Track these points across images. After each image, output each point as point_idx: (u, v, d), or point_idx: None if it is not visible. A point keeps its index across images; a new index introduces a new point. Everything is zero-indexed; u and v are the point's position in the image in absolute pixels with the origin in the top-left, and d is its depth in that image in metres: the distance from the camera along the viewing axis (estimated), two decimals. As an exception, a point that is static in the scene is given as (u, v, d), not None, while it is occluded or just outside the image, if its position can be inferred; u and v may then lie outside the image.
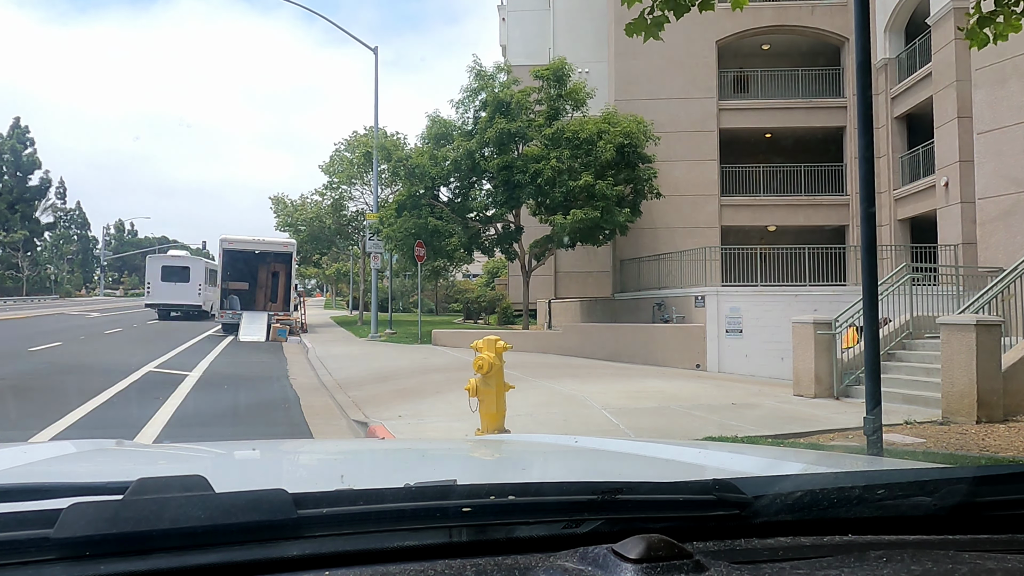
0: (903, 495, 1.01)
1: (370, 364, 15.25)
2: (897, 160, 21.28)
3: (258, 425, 8.89)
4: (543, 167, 19.61)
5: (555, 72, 20.99)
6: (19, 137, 71.28)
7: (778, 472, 1.43)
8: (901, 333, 11.42)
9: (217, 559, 0.79)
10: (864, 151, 5.34)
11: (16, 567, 0.76)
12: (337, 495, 0.91)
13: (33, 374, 12.78)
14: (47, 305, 53.62)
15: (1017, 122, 13.39)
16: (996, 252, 13.49)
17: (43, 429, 7.74)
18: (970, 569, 0.79)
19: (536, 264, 22.67)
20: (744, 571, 0.80)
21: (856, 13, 5.22)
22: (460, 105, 22.01)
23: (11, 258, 70.18)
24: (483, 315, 33.94)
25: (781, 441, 7.36)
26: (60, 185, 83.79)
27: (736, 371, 16.01)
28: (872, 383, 5.10)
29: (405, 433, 7.75)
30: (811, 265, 18.06)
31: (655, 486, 1.06)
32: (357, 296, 41.71)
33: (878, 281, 5.48)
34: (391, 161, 23.70)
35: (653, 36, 5.68)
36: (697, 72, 22.76)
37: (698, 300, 17.30)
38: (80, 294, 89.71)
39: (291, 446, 2.93)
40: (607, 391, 10.60)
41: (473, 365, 6.77)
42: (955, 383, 8.46)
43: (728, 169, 23.33)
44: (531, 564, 0.82)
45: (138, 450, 2.56)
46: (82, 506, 0.81)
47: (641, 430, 7.92)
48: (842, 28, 22.20)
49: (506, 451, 2.17)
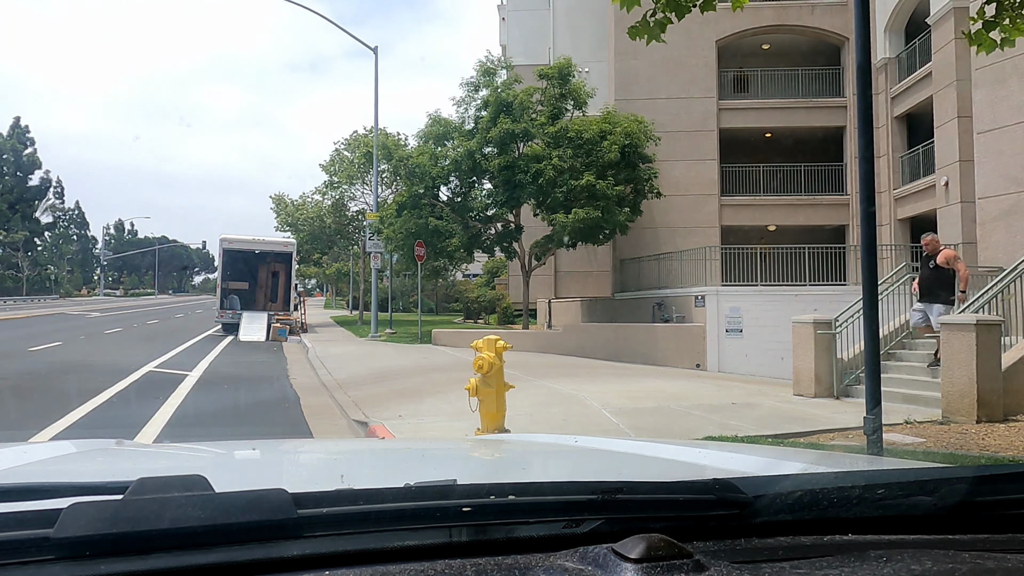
0: (903, 495, 1.01)
1: (370, 364, 15.25)
2: (897, 160, 21.28)
3: (258, 425, 8.89)
4: (544, 167, 19.61)
5: (560, 71, 20.99)
6: (19, 137, 71.29)
7: (778, 472, 1.43)
8: (901, 333, 11.42)
9: (217, 559, 0.79)
10: (864, 151, 5.34)
11: (16, 567, 0.76)
12: (337, 495, 0.91)
13: (33, 374, 12.77)
14: (47, 305, 53.64)
15: (1017, 122, 13.38)
16: (996, 252, 13.48)
17: (43, 429, 7.74)
18: (970, 568, 0.79)
19: (536, 264, 22.67)
20: (744, 571, 0.80)
21: (856, 13, 5.21)
22: (461, 103, 22.02)
23: (11, 258, 70.19)
24: (483, 315, 33.93)
25: (781, 441, 7.36)
26: (59, 185, 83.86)
27: (736, 371, 16.01)
28: (872, 383, 5.10)
29: (405, 433, 7.76)
30: (811, 265, 18.05)
31: (655, 486, 1.06)
32: (357, 296, 41.72)
33: (878, 281, 5.49)
34: (392, 160, 23.71)
35: (656, 38, 5.69)
36: (697, 72, 22.75)
37: (698, 300, 17.30)
38: (80, 294, 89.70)
39: (291, 446, 2.94)
40: (607, 391, 10.60)
41: (473, 365, 6.77)
42: (955, 383, 8.46)
43: (728, 169, 23.33)
44: (531, 564, 0.82)
45: (138, 450, 2.56)
46: (82, 506, 0.81)
47: (641, 430, 7.92)
48: (842, 28, 22.19)
49: (506, 451, 2.17)
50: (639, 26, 5.66)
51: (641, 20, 5.66)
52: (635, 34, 5.70)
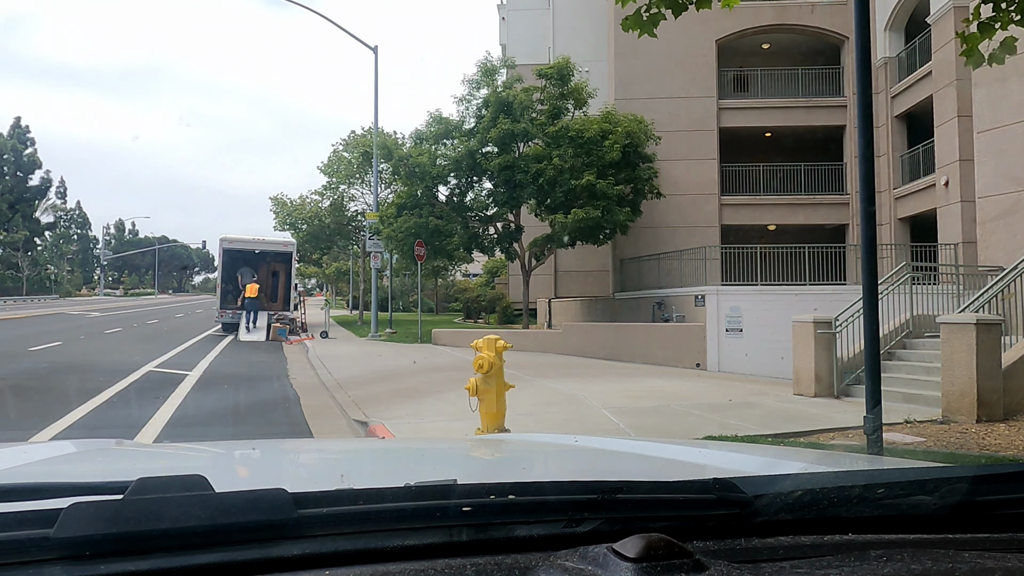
0: (903, 494, 1.01)
1: (370, 363, 15.25)
2: (897, 159, 21.28)
3: (258, 425, 8.89)
4: (544, 167, 19.61)
5: (559, 71, 20.98)
6: (19, 137, 71.27)
7: (778, 471, 1.43)
8: (901, 332, 11.42)
9: (217, 559, 0.79)
10: (864, 150, 5.34)
11: (16, 567, 0.76)
12: (337, 495, 0.91)
13: (33, 374, 12.77)
14: (47, 305, 53.62)
15: (1017, 121, 13.38)
16: (996, 251, 13.48)
17: (43, 429, 7.74)
18: (970, 568, 0.79)
19: (536, 263, 22.67)
20: (744, 570, 0.80)
21: (856, 12, 5.21)
22: (462, 101, 22.01)
23: (11, 258, 70.18)
24: (483, 314, 33.93)
25: (781, 440, 7.36)
26: (62, 185, 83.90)
27: (736, 370, 16.01)
28: (872, 382, 5.10)
29: (405, 432, 7.76)
30: (811, 264, 18.04)
31: (655, 485, 1.06)
32: (357, 295, 41.70)
33: (878, 280, 5.48)
34: (392, 160, 23.70)
35: (648, 33, 5.66)
36: (697, 71, 22.75)
37: (698, 299, 17.30)
38: (80, 294, 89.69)
39: (291, 445, 2.94)
40: (607, 390, 10.60)
41: (473, 364, 6.77)
42: (955, 382, 8.46)
43: (728, 168, 23.33)
44: (531, 563, 0.82)
45: (138, 450, 2.56)
46: (82, 506, 0.81)
47: (641, 429, 7.92)
48: (842, 27, 22.18)
49: (506, 450, 2.17)
50: (632, 19, 5.64)
51: (634, 13, 5.63)
52: (628, 27, 5.67)
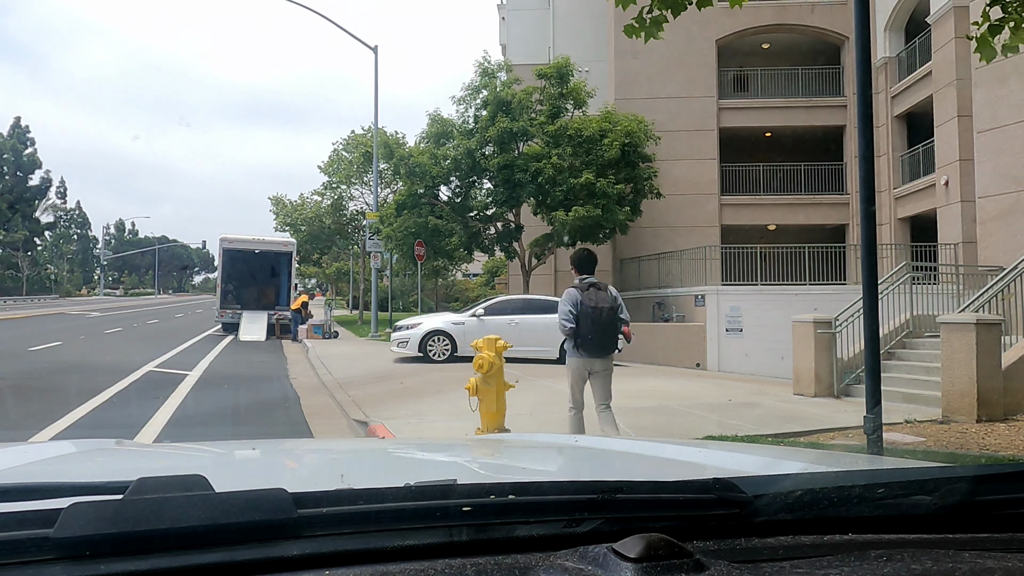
0: (903, 494, 1.01)
1: (370, 363, 15.25)
2: (897, 159, 21.27)
3: (258, 424, 8.89)
4: (544, 166, 19.60)
5: (558, 71, 20.97)
6: (19, 137, 71.29)
7: (778, 471, 1.43)
8: (901, 332, 11.42)
9: (217, 559, 0.79)
10: (864, 150, 5.34)
11: (16, 567, 0.76)
12: (337, 495, 0.91)
13: (33, 374, 12.77)
14: (47, 305, 53.62)
15: (1017, 121, 13.38)
16: (996, 251, 13.48)
17: (43, 429, 7.73)
18: (970, 568, 0.79)
19: (536, 263, 22.66)
20: (744, 570, 0.79)
21: (856, 12, 5.21)
22: (461, 102, 21.99)
23: (11, 258, 70.18)
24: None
25: (781, 440, 7.36)
26: (62, 185, 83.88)
27: (736, 370, 16.01)
28: (872, 382, 5.10)
29: (405, 432, 7.76)
30: (811, 264, 18.04)
31: (655, 485, 1.06)
32: (357, 295, 41.71)
33: (878, 280, 5.48)
34: (392, 160, 23.69)
35: (652, 36, 5.66)
36: (697, 71, 22.74)
37: (698, 299, 17.30)
38: (80, 294, 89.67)
39: (291, 445, 2.93)
40: (607, 390, 10.58)
41: (473, 364, 6.78)
42: (955, 382, 8.45)
43: (728, 168, 23.32)
44: (531, 563, 0.82)
45: (138, 450, 2.56)
46: (82, 506, 0.81)
47: (641, 429, 7.92)
48: (842, 27, 22.18)
49: (506, 450, 2.17)
50: (635, 23, 5.64)
51: (637, 17, 5.63)
52: (631, 32, 5.66)
